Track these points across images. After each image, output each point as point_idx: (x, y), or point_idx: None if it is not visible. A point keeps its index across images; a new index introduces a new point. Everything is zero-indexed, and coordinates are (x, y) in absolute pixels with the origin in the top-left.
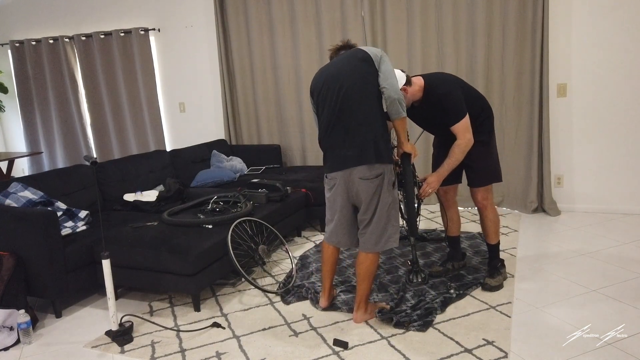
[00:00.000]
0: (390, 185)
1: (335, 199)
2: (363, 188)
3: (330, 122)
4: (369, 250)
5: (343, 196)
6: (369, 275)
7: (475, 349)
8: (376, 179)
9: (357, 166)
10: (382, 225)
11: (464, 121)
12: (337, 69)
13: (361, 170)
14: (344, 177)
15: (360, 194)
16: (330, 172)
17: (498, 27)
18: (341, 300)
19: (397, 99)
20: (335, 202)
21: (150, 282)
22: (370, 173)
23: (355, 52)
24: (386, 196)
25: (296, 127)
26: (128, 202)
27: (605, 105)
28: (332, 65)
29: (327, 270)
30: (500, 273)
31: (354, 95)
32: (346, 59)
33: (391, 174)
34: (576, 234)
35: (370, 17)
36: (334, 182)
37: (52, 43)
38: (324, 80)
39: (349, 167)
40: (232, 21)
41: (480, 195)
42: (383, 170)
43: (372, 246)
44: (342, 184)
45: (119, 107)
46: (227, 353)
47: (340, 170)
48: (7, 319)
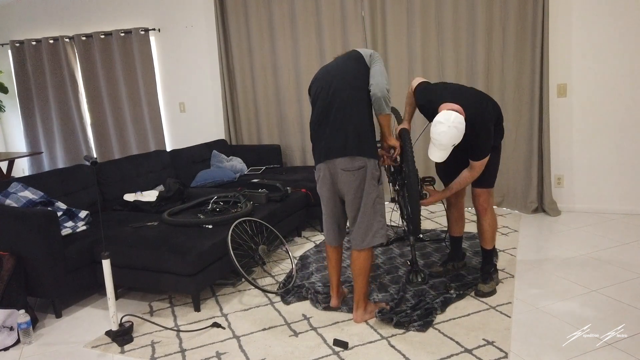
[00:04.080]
0: (374, 180)
1: (322, 192)
2: (345, 180)
3: (319, 117)
4: (357, 247)
5: (329, 188)
6: (363, 273)
7: (475, 349)
8: (358, 171)
9: (340, 157)
10: (367, 220)
11: (485, 160)
12: (332, 67)
13: (343, 162)
14: (328, 168)
15: (343, 186)
16: (317, 163)
17: (498, 27)
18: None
19: (382, 97)
20: (323, 196)
21: (150, 282)
22: (352, 165)
23: (349, 52)
24: (370, 191)
25: (296, 127)
26: (128, 202)
27: (605, 105)
28: (329, 65)
29: (332, 268)
30: (492, 279)
31: (343, 93)
32: (341, 59)
33: (375, 169)
34: (576, 234)
35: (370, 17)
36: (319, 174)
37: (52, 43)
38: (319, 79)
39: (332, 158)
40: (232, 21)
41: (482, 198)
42: (365, 163)
43: (360, 243)
44: (327, 176)
45: (119, 107)
46: (227, 353)
47: (324, 161)
48: (7, 319)
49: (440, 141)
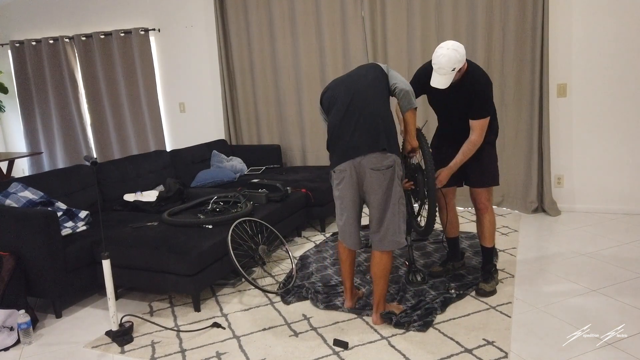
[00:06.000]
0: (399, 179)
1: (344, 194)
2: (374, 180)
3: (340, 118)
4: (387, 248)
5: (353, 189)
6: (386, 275)
7: (475, 349)
8: (387, 170)
9: (368, 154)
10: (396, 220)
11: (486, 120)
12: (347, 76)
13: (372, 160)
14: (354, 167)
15: (370, 187)
16: (339, 163)
17: (498, 27)
18: (342, 300)
19: (409, 90)
20: (345, 198)
21: (150, 282)
22: (381, 163)
23: (364, 64)
24: (397, 190)
25: (296, 127)
26: (128, 202)
27: (605, 105)
28: (341, 76)
29: (346, 271)
30: (493, 278)
31: (365, 92)
32: (356, 69)
33: (400, 168)
34: (576, 234)
35: (370, 17)
36: (342, 175)
37: (52, 43)
38: (332, 87)
39: (360, 155)
40: (232, 21)
41: (483, 197)
42: (394, 161)
43: (389, 244)
44: (353, 175)
45: (119, 107)
46: (227, 353)
47: (350, 159)
48: (7, 319)
49: (440, 63)
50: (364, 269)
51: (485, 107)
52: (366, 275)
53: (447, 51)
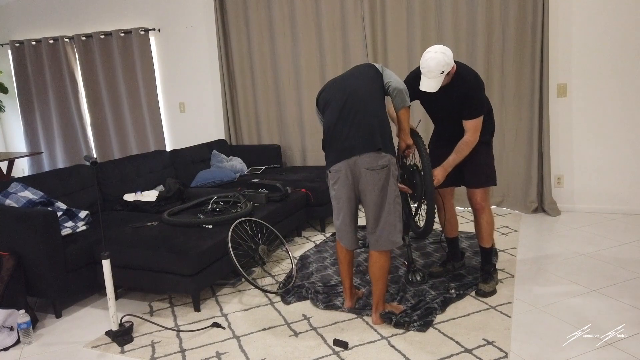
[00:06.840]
0: (394, 179)
1: (340, 195)
2: (369, 179)
3: (336, 118)
4: (384, 248)
5: (348, 189)
6: (385, 274)
7: (475, 349)
8: (382, 170)
9: (363, 154)
10: (392, 220)
11: (479, 120)
12: (342, 76)
13: (367, 159)
14: (349, 167)
15: (366, 186)
16: (334, 163)
17: (498, 27)
18: (341, 300)
19: (403, 89)
20: (341, 198)
21: (150, 282)
22: (376, 163)
23: (359, 64)
24: (392, 190)
25: (296, 127)
26: (128, 202)
27: (605, 105)
28: (337, 77)
29: (345, 270)
30: (493, 278)
31: (360, 91)
32: (351, 70)
33: (395, 168)
34: (576, 234)
35: (370, 17)
36: (338, 175)
37: (52, 43)
38: (328, 88)
39: (355, 154)
40: (232, 21)
41: (479, 197)
42: (389, 161)
43: (386, 244)
44: (348, 175)
45: (119, 107)
46: (227, 353)
47: (345, 159)
48: (7, 319)
49: (429, 67)
50: (363, 269)
51: (477, 107)
52: (366, 275)
53: (435, 54)
